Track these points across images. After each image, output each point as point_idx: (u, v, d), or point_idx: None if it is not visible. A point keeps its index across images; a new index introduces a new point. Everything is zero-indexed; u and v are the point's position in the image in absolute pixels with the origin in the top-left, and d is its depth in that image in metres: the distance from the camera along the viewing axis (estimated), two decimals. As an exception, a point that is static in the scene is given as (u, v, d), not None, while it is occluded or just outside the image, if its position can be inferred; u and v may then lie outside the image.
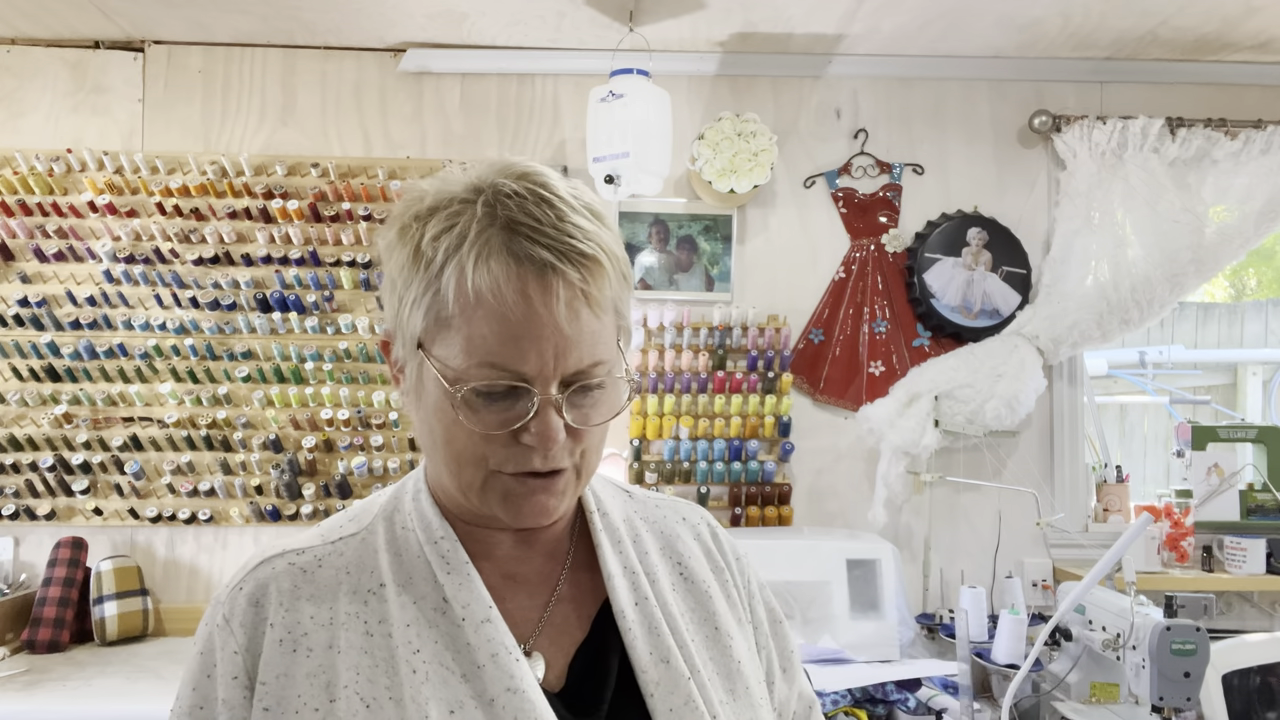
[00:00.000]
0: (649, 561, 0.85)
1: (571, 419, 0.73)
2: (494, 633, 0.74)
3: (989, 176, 2.73)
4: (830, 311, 2.70)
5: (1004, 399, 2.48)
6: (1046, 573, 2.61)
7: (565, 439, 0.73)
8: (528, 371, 0.70)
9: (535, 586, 0.82)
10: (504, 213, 0.70)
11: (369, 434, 2.59)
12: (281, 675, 0.73)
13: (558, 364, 0.70)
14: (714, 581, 0.88)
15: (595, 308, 0.72)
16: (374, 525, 0.81)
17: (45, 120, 2.64)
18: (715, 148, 2.53)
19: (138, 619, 2.48)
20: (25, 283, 2.56)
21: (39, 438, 2.55)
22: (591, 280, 0.71)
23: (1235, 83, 2.72)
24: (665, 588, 0.84)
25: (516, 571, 0.82)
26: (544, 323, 0.69)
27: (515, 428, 0.71)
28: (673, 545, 0.88)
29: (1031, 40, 2.58)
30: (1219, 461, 2.67)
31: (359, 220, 2.60)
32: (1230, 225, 2.55)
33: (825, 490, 2.69)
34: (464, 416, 0.71)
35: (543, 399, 0.71)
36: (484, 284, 0.69)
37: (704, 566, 0.88)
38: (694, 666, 0.79)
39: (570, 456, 0.75)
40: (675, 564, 0.87)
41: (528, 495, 0.74)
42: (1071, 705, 2.01)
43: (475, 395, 0.71)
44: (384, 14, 2.45)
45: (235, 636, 0.74)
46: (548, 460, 0.73)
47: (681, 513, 0.93)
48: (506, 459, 0.73)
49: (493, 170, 0.74)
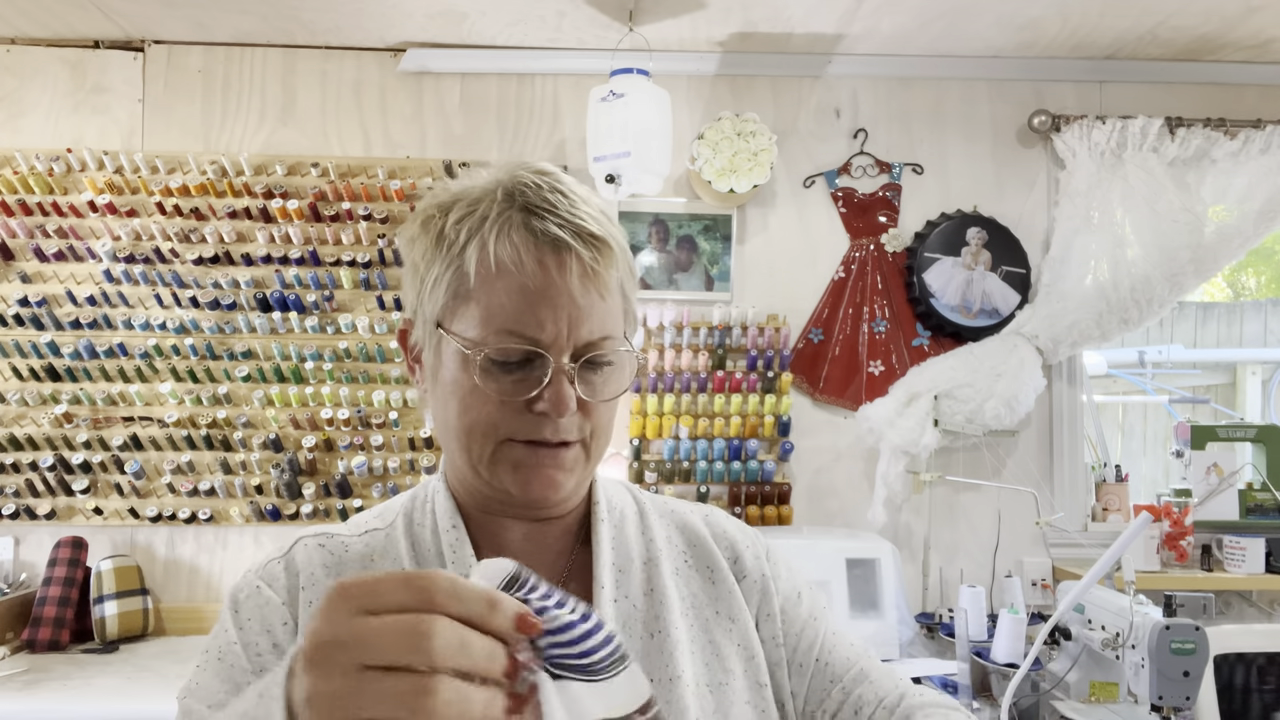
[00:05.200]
0: (654, 548, 0.86)
1: (583, 392, 0.75)
2: None
3: (988, 176, 2.73)
4: (830, 311, 2.70)
5: (1003, 398, 2.48)
6: (1046, 572, 2.61)
7: (575, 412, 0.75)
8: (543, 339, 0.73)
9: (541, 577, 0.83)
10: (522, 198, 0.75)
11: (369, 434, 2.59)
12: None
13: (571, 333, 0.74)
14: (721, 560, 0.88)
15: (604, 287, 0.75)
16: (396, 522, 0.85)
17: (45, 120, 2.64)
18: (715, 147, 2.53)
19: (138, 618, 2.48)
20: (25, 282, 2.56)
21: (39, 437, 2.55)
22: (602, 260, 0.75)
23: (1234, 82, 2.72)
24: (667, 573, 0.85)
25: (524, 563, 0.83)
26: (560, 291, 0.73)
27: (530, 395, 0.74)
28: (681, 531, 0.90)
29: (1031, 40, 2.59)
30: (1218, 461, 2.67)
31: (359, 220, 2.60)
32: (1229, 225, 2.55)
33: (825, 490, 2.70)
34: (480, 381, 0.74)
35: (556, 367, 0.74)
36: (505, 254, 0.73)
37: (712, 547, 0.89)
38: (670, 665, 0.79)
39: (580, 432, 0.77)
40: (681, 550, 0.88)
41: (537, 467, 0.76)
42: (1071, 704, 2.01)
43: (492, 363, 0.74)
44: (384, 14, 2.46)
45: (276, 594, 0.79)
46: (558, 430, 0.75)
47: (689, 507, 0.95)
48: (519, 427, 0.75)
49: (510, 168, 0.79)
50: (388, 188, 2.59)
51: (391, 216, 2.62)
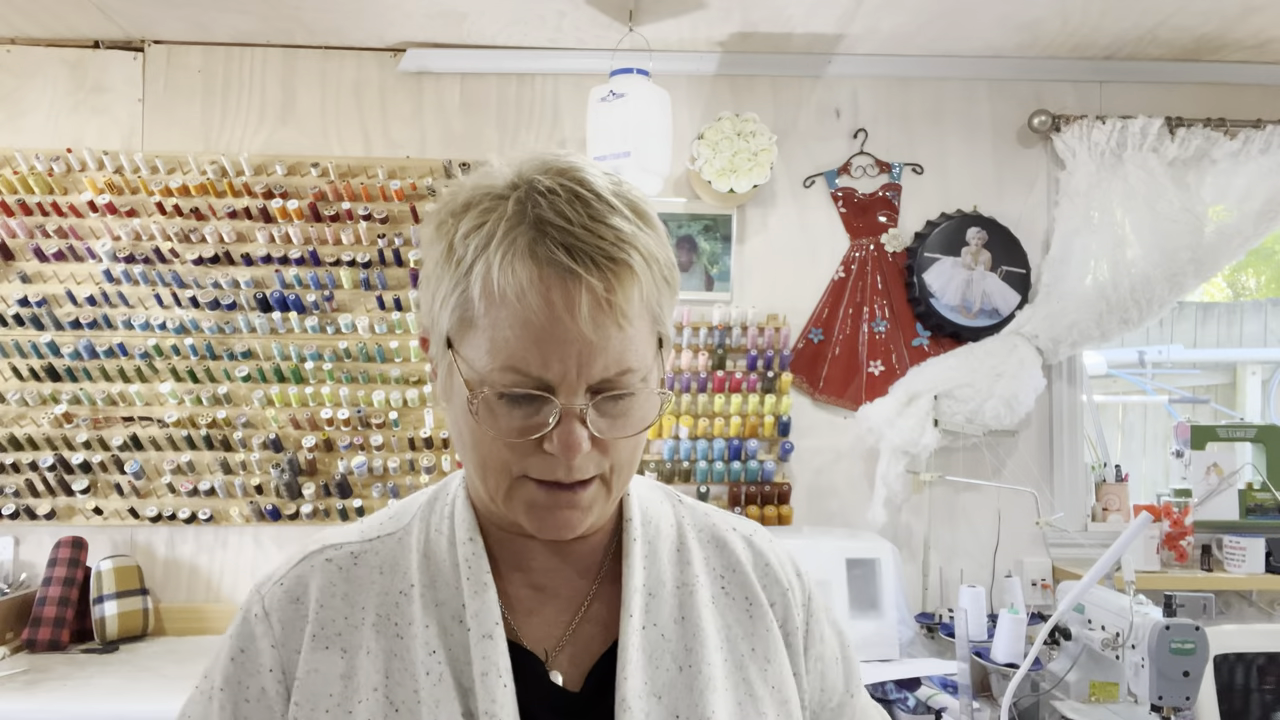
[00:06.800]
0: (689, 572, 0.81)
1: (598, 429, 0.69)
2: (490, 650, 0.72)
3: (988, 176, 2.73)
4: (830, 311, 2.70)
5: (1003, 398, 2.48)
6: (1046, 572, 2.61)
7: (591, 449, 0.70)
8: (550, 379, 0.67)
9: (565, 601, 0.80)
10: (534, 211, 0.67)
11: (369, 434, 2.59)
12: (313, 672, 0.74)
13: (581, 371, 0.67)
14: (761, 595, 0.83)
15: (620, 316, 0.67)
16: (411, 525, 0.81)
17: (45, 120, 2.64)
18: (715, 147, 2.53)
19: (138, 618, 2.48)
20: (25, 282, 2.56)
21: (39, 437, 2.55)
22: (619, 287, 0.67)
23: (1234, 82, 2.72)
24: (703, 600, 0.80)
25: (547, 584, 0.80)
26: (567, 328, 0.66)
27: (537, 436, 0.69)
28: (720, 553, 0.84)
29: (1031, 40, 2.59)
30: (1218, 461, 2.67)
31: (359, 220, 2.60)
32: (1229, 225, 2.55)
33: (825, 489, 2.69)
34: (484, 421, 0.69)
35: (564, 408, 0.67)
36: (508, 286, 0.66)
37: (752, 579, 0.84)
38: (700, 704, 0.75)
39: (598, 468, 0.71)
40: (719, 575, 0.83)
41: (552, 508, 0.72)
42: (1071, 704, 2.01)
43: (498, 399, 0.69)
44: (384, 14, 2.46)
45: (273, 631, 0.75)
46: (571, 471, 0.70)
47: (731, 523, 0.89)
48: (531, 466, 0.70)
49: (533, 164, 0.71)
50: (388, 188, 2.59)
51: (391, 216, 2.62)
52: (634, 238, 0.68)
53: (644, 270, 0.68)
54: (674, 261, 0.73)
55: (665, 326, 0.74)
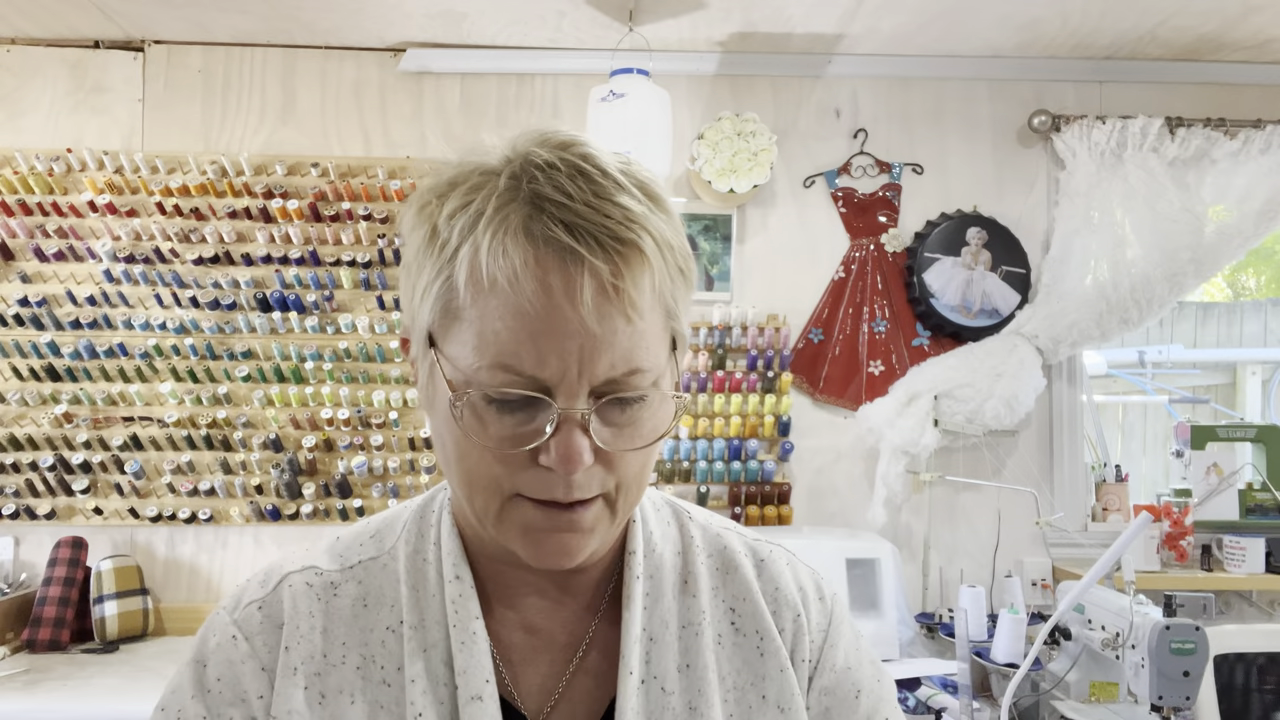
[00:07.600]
0: (695, 609, 0.72)
1: (602, 440, 0.60)
2: (479, 715, 0.64)
3: (988, 176, 2.73)
4: (830, 311, 2.70)
5: (1003, 398, 2.48)
6: (1046, 572, 2.61)
7: (594, 464, 0.60)
8: (546, 378, 0.57)
9: (560, 647, 0.72)
10: (530, 186, 0.58)
11: (369, 434, 2.59)
12: (291, 714, 0.66)
13: (583, 370, 0.57)
14: (772, 626, 0.74)
15: (629, 306, 0.58)
16: (395, 549, 0.72)
17: (45, 120, 2.64)
18: (715, 147, 2.53)
19: (138, 618, 2.48)
20: (25, 282, 2.56)
21: (39, 437, 2.55)
22: (627, 273, 0.57)
23: (1234, 82, 2.72)
24: (708, 643, 0.72)
25: (542, 626, 0.72)
26: (567, 319, 0.57)
27: (531, 447, 0.59)
28: (731, 581, 0.75)
29: (1031, 40, 2.59)
30: (1218, 461, 2.67)
31: (359, 220, 2.60)
32: (1229, 225, 2.55)
33: (825, 489, 2.70)
34: (470, 429, 0.59)
35: (564, 413, 0.58)
36: (499, 270, 0.57)
37: (762, 607, 0.75)
38: None
39: (601, 485, 0.62)
40: (730, 608, 0.74)
41: (549, 531, 0.62)
42: (1071, 704, 2.01)
43: (486, 403, 0.59)
44: (384, 14, 2.46)
45: (259, 655, 0.67)
46: (570, 489, 0.60)
47: (748, 544, 0.79)
48: (525, 483, 0.61)
49: (529, 138, 0.62)
50: (388, 188, 2.59)
51: (391, 216, 2.62)
52: (645, 219, 0.59)
53: (656, 256, 0.59)
54: (690, 252, 0.64)
55: (680, 324, 0.64)
